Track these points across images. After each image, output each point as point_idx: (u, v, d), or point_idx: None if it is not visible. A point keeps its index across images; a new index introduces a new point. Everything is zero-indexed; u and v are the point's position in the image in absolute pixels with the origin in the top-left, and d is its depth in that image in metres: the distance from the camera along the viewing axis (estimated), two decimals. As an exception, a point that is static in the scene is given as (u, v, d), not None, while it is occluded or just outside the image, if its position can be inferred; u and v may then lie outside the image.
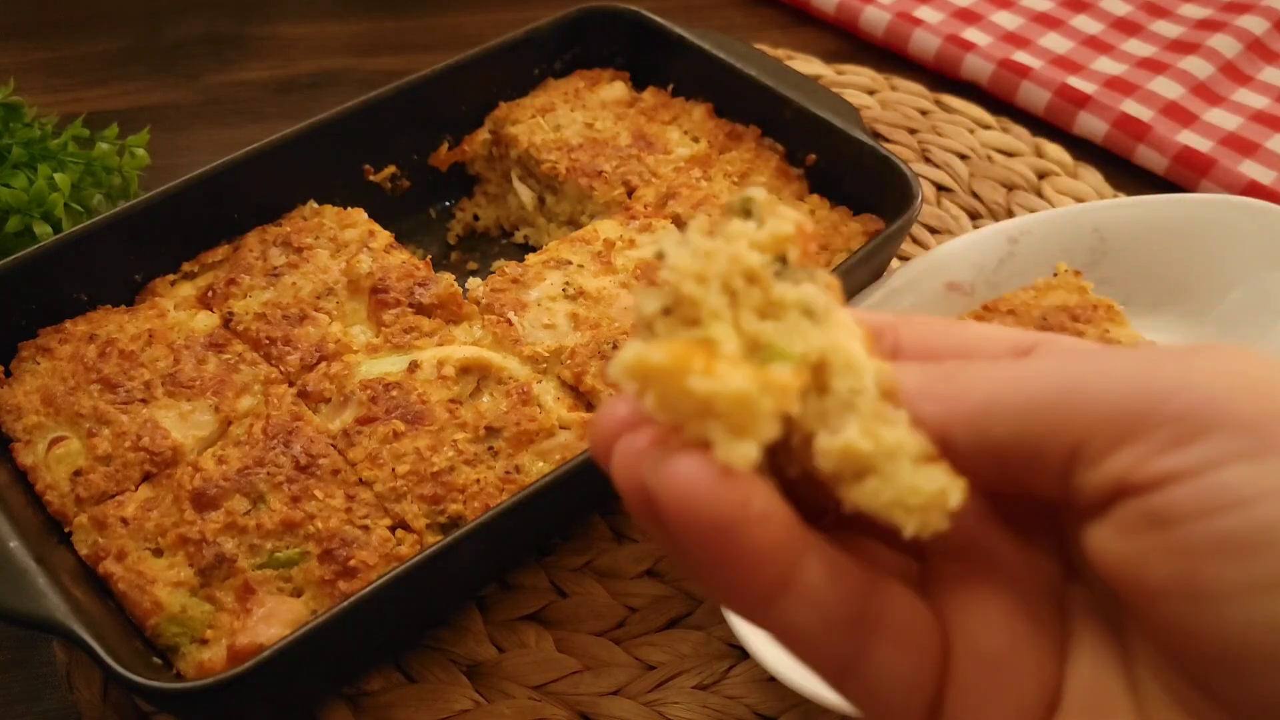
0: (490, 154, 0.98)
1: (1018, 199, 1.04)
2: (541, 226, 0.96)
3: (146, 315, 0.78)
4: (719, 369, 0.28)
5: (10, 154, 0.87)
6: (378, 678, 0.71)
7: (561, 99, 0.97)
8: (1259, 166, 1.05)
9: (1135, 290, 0.85)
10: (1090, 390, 0.30)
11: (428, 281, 0.79)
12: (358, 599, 0.58)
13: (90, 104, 1.14)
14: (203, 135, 1.14)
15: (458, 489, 0.68)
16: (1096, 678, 0.33)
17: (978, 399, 0.31)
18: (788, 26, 1.31)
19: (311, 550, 0.65)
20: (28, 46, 1.25)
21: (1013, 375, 0.31)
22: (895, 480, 0.29)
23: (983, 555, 0.35)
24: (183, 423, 0.72)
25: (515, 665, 0.72)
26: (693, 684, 0.71)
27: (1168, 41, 1.23)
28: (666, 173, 0.90)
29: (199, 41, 1.27)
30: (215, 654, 0.62)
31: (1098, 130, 1.11)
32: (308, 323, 0.77)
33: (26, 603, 0.58)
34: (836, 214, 0.87)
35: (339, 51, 1.26)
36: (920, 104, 1.15)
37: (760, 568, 0.30)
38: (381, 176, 0.95)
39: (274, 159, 0.85)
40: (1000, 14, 1.27)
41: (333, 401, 0.73)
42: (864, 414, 0.29)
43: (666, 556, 0.31)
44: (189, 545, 0.65)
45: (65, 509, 0.68)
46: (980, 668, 0.33)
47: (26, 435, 0.71)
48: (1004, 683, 0.33)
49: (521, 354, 0.76)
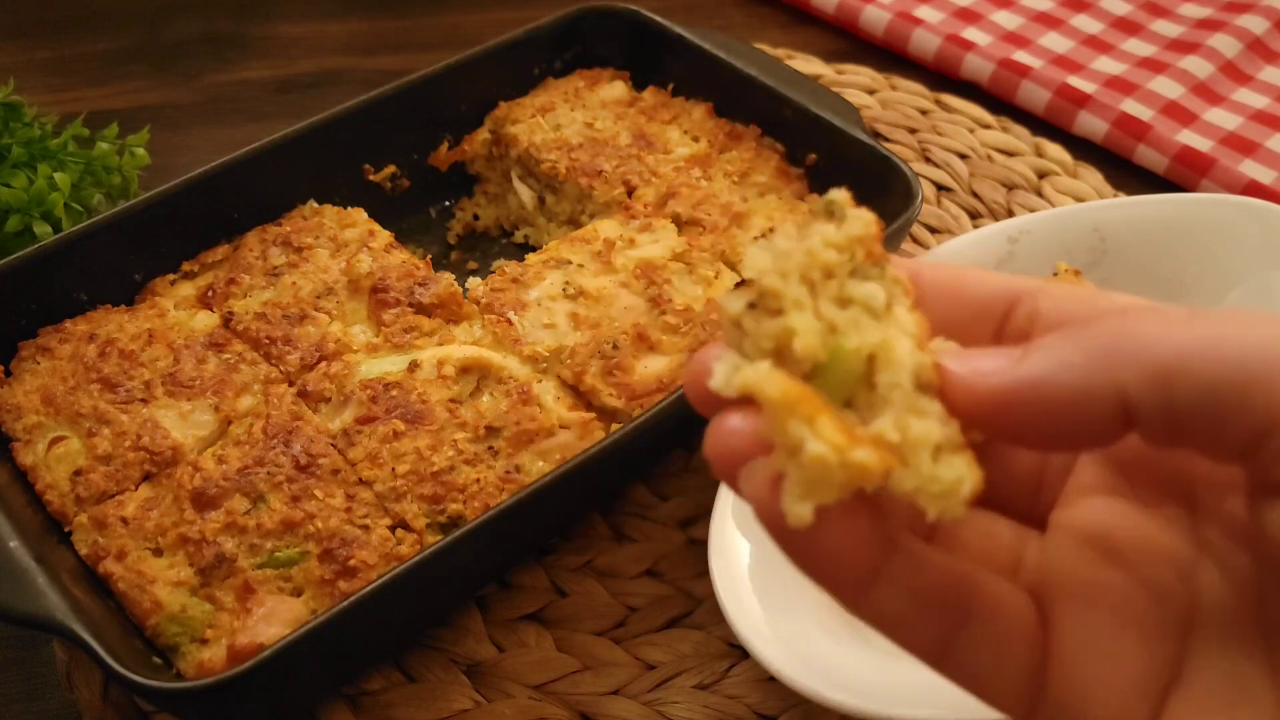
0: (490, 154, 0.98)
1: (1018, 199, 1.04)
2: (541, 226, 0.96)
3: (146, 315, 0.78)
4: (819, 422, 0.30)
5: (10, 154, 0.87)
6: (378, 677, 0.71)
7: (561, 99, 0.97)
8: (1259, 166, 1.05)
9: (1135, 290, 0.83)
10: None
11: (428, 281, 0.79)
12: (358, 599, 0.58)
13: (90, 104, 1.14)
14: (203, 135, 1.14)
15: (458, 489, 0.68)
16: (1226, 659, 0.33)
17: (1161, 352, 0.30)
18: (788, 26, 1.31)
19: (311, 550, 0.65)
20: (28, 46, 1.25)
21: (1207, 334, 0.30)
22: (919, 469, 0.31)
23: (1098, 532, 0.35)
24: (183, 422, 0.72)
25: (515, 665, 0.72)
26: (693, 684, 0.71)
27: (1168, 41, 1.23)
28: (666, 172, 0.90)
29: (199, 41, 1.27)
30: (215, 653, 0.62)
31: (1098, 130, 1.11)
32: (308, 322, 0.77)
33: (26, 602, 0.58)
34: (836, 214, 0.87)
35: (339, 51, 1.26)
36: (920, 104, 1.15)
37: (846, 566, 0.33)
38: (381, 176, 0.95)
39: (274, 159, 0.85)
40: (1000, 13, 1.27)
41: (333, 401, 0.73)
42: (897, 406, 0.32)
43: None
44: (189, 545, 0.65)
45: (65, 509, 0.68)
46: (1084, 648, 0.34)
47: (26, 435, 0.71)
48: (1109, 662, 0.34)
49: (521, 354, 0.76)
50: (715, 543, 0.67)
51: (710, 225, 0.85)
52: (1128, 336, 0.31)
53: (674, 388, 0.72)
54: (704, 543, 0.68)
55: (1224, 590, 0.34)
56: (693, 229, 0.85)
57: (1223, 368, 0.30)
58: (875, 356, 0.33)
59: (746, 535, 0.68)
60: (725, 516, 0.69)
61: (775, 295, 0.33)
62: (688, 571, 0.77)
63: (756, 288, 0.33)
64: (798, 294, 0.33)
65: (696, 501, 0.79)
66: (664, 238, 0.83)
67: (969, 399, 0.32)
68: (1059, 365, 0.32)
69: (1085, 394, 0.31)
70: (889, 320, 0.34)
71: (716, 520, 0.68)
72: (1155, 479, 0.36)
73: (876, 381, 0.33)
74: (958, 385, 0.33)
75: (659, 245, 0.83)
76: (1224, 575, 0.34)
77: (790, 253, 0.34)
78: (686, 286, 0.80)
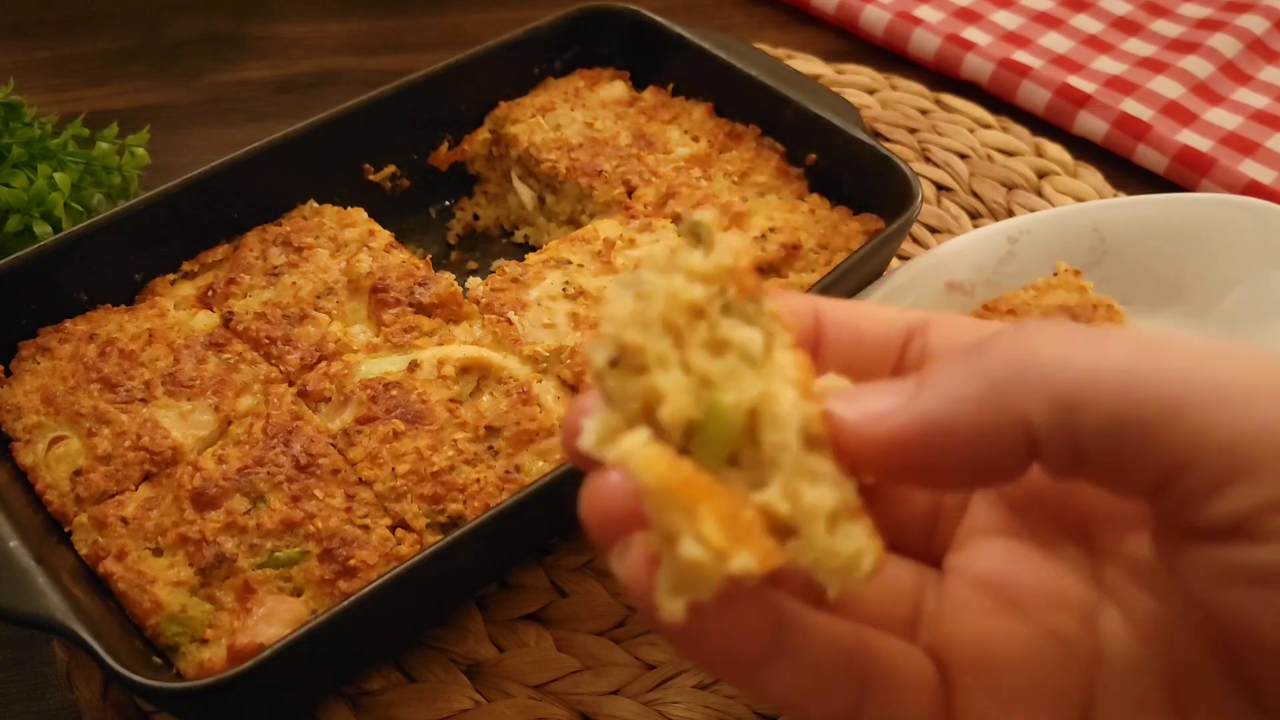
0: (490, 153, 0.98)
1: (1018, 198, 1.04)
2: (541, 226, 0.96)
3: (146, 315, 0.78)
4: (698, 515, 0.27)
5: (10, 154, 0.87)
6: (378, 677, 0.71)
7: (561, 98, 0.97)
8: (1259, 166, 1.05)
9: (1135, 290, 0.85)
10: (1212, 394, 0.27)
11: (428, 281, 0.79)
12: (358, 598, 0.58)
13: (90, 104, 1.14)
14: (203, 135, 1.14)
15: (458, 488, 0.68)
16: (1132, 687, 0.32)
17: (1067, 380, 0.28)
18: (788, 26, 1.31)
19: (311, 550, 0.65)
20: (28, 46, 1.25)
21: (1115, 360, 0.28)
22: (814, 542, 0.29)
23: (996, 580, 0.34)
24: (183, 422, 0.72)
25: (515, 665, 0.72)
26: (693, 683, 0.71)
27: (1168, 41, 1.23)
28: (666, 172, 0.90)
29: (199, 41, 1.27)
30: (215, 653, 0.62)
31: (1098, 130, 1.11)
32: (308, 322, 0.77)
33: (26, 602, 0.58)
34: (836, 214, 0.87)
35: (339, 51, 1.26)
36: (920, 103, 1.15)
37: (732, 656, 0.30)
38: (381, 176, 0.95)
39: (274, 159, 0.85)
40: (1000, 13, 1.27)
41: (333, 401, 0.73)
42: (787, 470, 0.29)
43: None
44: (189, 545, 0.65)
45: (65, 508, 0.68)
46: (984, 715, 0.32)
47: (26, 435, 0.71)
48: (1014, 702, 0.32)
49: (521, 353, 0.76)
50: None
51: (710, 225, 0.85)
52: (1029, 360, 0.29)
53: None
54: (704, 543, 0.68)
55: (1128, 637, 0.32)
56: (693, 229, 0.85)
57: (1132, 398, 0.27)
58: (757, 411, 0.29)
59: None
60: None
61: (637, 351, 0.29)
62: (688, 571, 0.77)
63: (615, 343, 0.30)
64: (660, 349, 0.29)
65: (696, 501, 0.79)
66: (664, 238, 0.83)
67: (862, 446, 0.30)
68: (956, 399, 0.29)
69: (987, 430, 0.29)
70: (768, 366, 0.30)
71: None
72: (1052, 517, 0.34)
73: (761, 440, 0.29)
74: (850, 433, 0.30)
75: (659, 245, 0.82)
76: (1127, 620, 0.32)
77: (652, 295, 0.30)
78: (686, 286, 0.80)
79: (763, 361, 0.30)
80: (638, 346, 0.29)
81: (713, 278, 0.31)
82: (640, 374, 0.29)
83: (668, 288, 0.30)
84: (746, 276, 0.31)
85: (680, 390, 0.29)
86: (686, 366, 0.30)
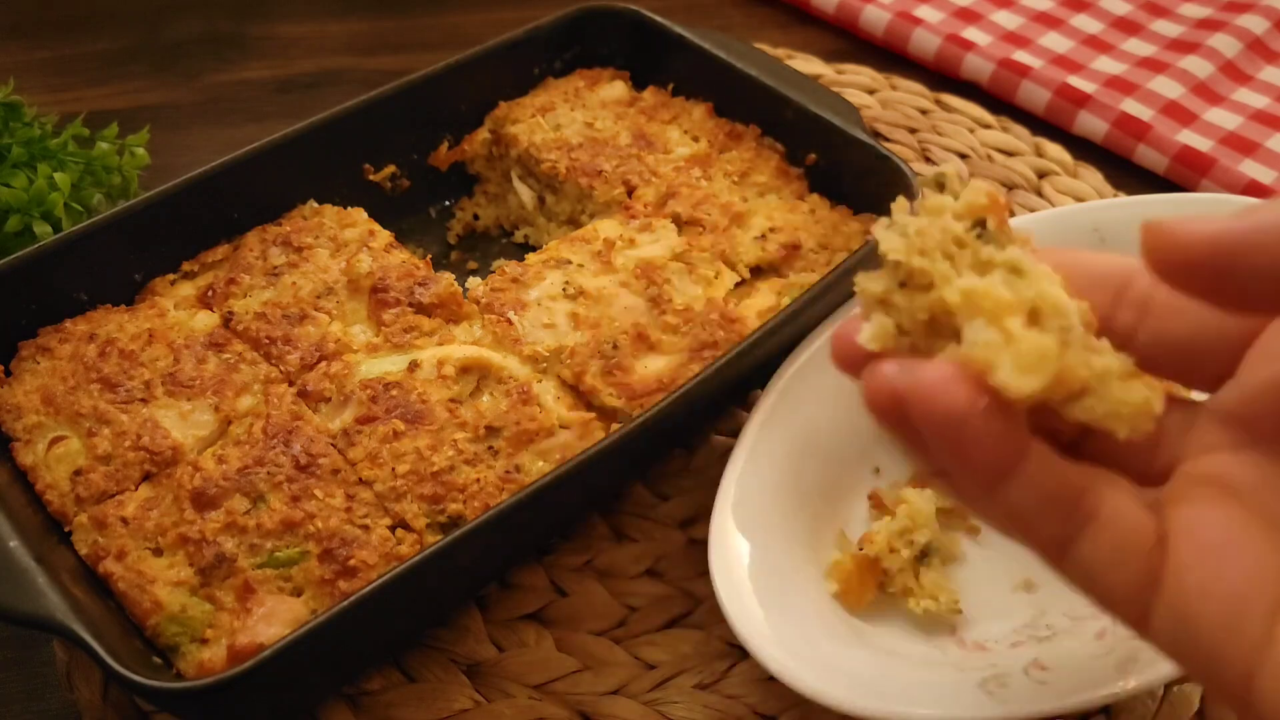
0: (490, 153, 0.98)
1: (1018, 199, 1.04)
2: (541, 226, 0.96)
3: (146, 315, 0.78)
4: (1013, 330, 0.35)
5: (10, 154, 0.87)
6: (378, 677, 0.71)
7: (561, 98, 0.97)
8: (1259, 166, 1.05)
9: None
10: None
11: (428, 281, 0.79)
12: (358, 598, 0.58)
13: (90, 104, 1.14)
14: (203, 135, 1.14)
15: (458, 488, 0.68)
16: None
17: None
18: (788, 26, 1.31)
19: (311, 550, 0.65)
20: (28, 46, 1.25)
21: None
22: (1107, 396, 0.35)
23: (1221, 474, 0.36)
24: (183, 422, 0.72)
25: (515, 665, 0.72)
26: (693, 683, 0.71)
27: (1168, 41, 1.23)
28: (666, 172, 0.90)
29: (199, 41, 1.27)
30: (215, 653, 0.62)
31: (1098, 130, 1.11)
32: (308, 322, 0.77)
33: (26, 602, 0.58)
34: (836, 213, 0.87)
35: (339, 51, 1.26)
36: (920, 103, 1.15)
37: (988, 453, 0.35)
38: (381, 176, 0.95)
39: (274, 159, 0.85)
40: (1000, 13, 1.27)
41: (333, 401, 0.73)
42: (1075, 346, 0.35)
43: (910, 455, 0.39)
44: (189, 545, 0.65)
45: (65, 508, 0.68)
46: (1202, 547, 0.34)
47: (26, 435, 0.71)
48: (1226, 559, 0.34)
49: (521, 353, 0.76)
50: (715, 543, 0.67)
51: (710, 225, 0.85)
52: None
53: (674, 388, 0.72)
54: (704, 543, 0.68)
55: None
56: (693, 229, 0.85)
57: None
58: (1038, 309, 0.35)
59: (746, 535, 0.68)
60: (725, 516, 0.69)
61: (922, 273, 0.37)
62: (688, 571, 0.77)
63: (904, 269, 0.37)
64: (944, 269, 0.37)
65: (696, 501, 0.79)
66: (664, 238, 0.83)
67: (1179, 248, 0.33)
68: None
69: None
70: (1034, 274, 0.36)
71: (716, 520, 0.68)
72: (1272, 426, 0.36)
73: (1045, 328, 0.35)
74: (1170, 234, 0.33)
75: (659, 245, 0.83)
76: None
77: (924, 231, 0.37)
78: (686, 286, 0.80)
79: (1029, 272, 0.36)
80: (925, 270, 0.37)
81: (963, 215, 0.38)
82: (926, 291, 0.37)
83: (940, 223, 0.37)
84: (1001, 209, 0.38)
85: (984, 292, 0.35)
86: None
